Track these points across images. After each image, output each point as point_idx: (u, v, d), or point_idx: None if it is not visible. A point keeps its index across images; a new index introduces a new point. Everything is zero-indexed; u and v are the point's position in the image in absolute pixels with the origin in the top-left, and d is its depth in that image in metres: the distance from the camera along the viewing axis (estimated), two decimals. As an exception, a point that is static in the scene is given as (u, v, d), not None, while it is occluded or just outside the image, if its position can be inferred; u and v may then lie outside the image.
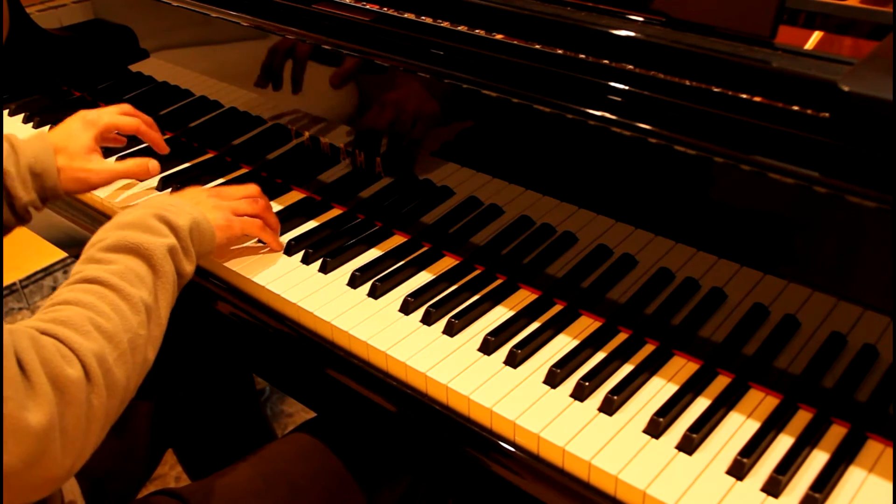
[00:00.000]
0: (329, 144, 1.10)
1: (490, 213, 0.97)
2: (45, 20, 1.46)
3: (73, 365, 0.70)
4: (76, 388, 0.69)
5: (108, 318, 0.75)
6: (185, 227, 0.88)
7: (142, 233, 0.84)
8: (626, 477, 0.74)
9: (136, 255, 0.82)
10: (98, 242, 0.84)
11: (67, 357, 0.70)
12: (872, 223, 0.69)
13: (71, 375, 0.69)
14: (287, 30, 1.06)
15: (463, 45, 0.93)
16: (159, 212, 0.88)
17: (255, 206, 1.02)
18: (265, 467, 0.97)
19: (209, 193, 1.00)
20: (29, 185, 1.00)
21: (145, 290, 0.80)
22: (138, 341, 0.77)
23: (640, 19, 0.86)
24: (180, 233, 0.87)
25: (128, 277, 0.80)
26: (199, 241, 0.90)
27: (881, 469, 0.74)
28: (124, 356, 0.75)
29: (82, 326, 0.73)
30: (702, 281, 0.84)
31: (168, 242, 0.85)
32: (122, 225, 0.86)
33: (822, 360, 0.78)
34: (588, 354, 0.88)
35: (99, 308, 0.76)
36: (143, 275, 0.81)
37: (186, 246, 0.88)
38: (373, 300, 0.97)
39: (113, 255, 0.82)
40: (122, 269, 0.80)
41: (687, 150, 0.78)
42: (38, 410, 0.65)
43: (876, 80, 0.68)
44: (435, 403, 0.86)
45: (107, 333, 0.74)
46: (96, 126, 1.09)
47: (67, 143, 1.05)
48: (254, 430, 1.45)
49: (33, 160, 1.01)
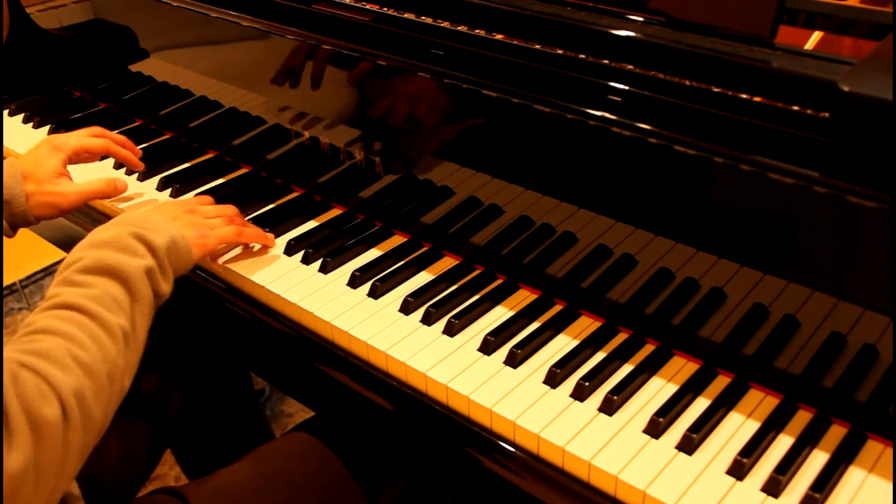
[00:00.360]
0: (329, 144, 1.10)
1: (490, 213, 0.97)
2: (45, 20, 1.46)
3: (50, 404, 0.68)
4: (52, 428, 0.67)
5: (87, 350, 0.73)
6: (162, 246, 0.86)
7: (118, 253, 0.82)
8: (626, 477, 0.74)
9: (113, 277, 0.80)
10: (74, 263, 0.81)
11: (46, 395, 0.68)
12: (872, 223, 0.69)
13: (48, 416, 0.67)
14: (287, 30, 1.06)
15: (463, 45, 0.93)
16: (136, 230, 0.85)
17: (230, 224, 1.00)
18: (265, 466, 0.97)
19: (185, 208, 0.98)
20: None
21: (123, 316, 0.79)
22: (116, 372, 0.76)
23: (640, 19, 0.86)
24: (158, 252, 0.85)
25: (105, 303, 0.78)
26: (175, 260, 0.88)
27: (881, 469, 0.74)
28: (102, 389, 0.73)
29: (61, 359, 0.71)
30: (702, 281, 0.84)
31: (145, 264, 0.83)
32: (99, 243, 0.83)
33: (822, 360, 0.78)
34: (588, 354, 0.88)
35: (78, 339, 0.74)
36: (121, 299, 0.79)
37: (164, 266, 0.86)
38: (373, 300, 0.97)
39: (90, 277, 0.79)
40: (99, 293, 0.78)
41: (687, 150, 0.78)
42: (14, 452, 0.64)
43: (876, 80, 0.68)
44: (435, 403, 0.86)
45: (86, 367, 0.72)
46: (64, 150, 1.08)
47: (35, 170, 1.04)
48: (252, 430, 1.45)
49: None
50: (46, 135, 1.37)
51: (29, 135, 1.38)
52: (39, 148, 1.08)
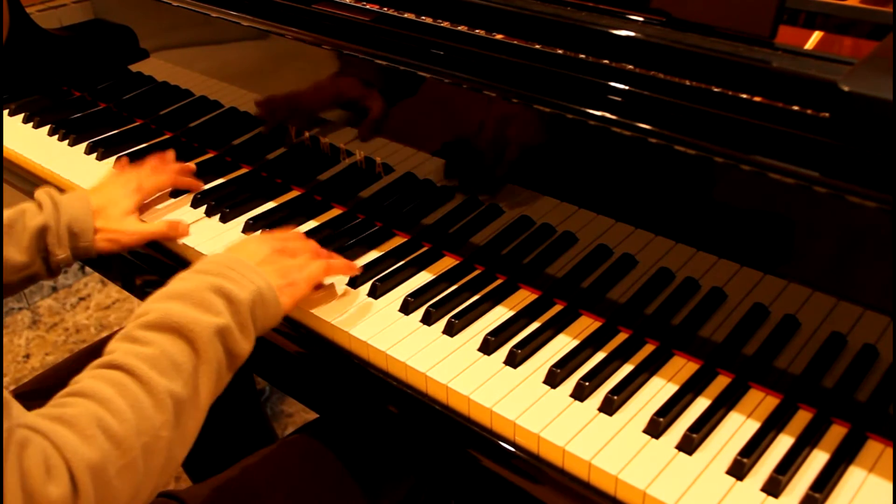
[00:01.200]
0: (329, 144, 1.10)
1: (490, 213, 0.97)
2: (45, 20, 1.46)
3: (56, 480, 0.62)
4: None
5: (121, 420, 0.67)
6: (246, 301, 0.79)
7: (191, 308, 0.76)
8: (626, 477, 0.74)
9: (178, 335, 0.74)
10: (141, 316, 0.76)
11: (53, 470, 0.62)
12: (872, 223, 0.69)
13: (51, 494, 0.61)
14: (287, 30, 1.06)
15: (463, 45, 0.93)
16: (218, 282, 0.79)
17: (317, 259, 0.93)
18: (266, 469, 0.97)
19: (272, 247, 0.90)
20: (65, 243, 1.00)
21: (179, 381, 0.72)
22: (158, 445, 0.69)
23: (641, 19, 0.86)
24: (240, 308, 0.78)
25: (161, 365, 0.71)
26: (262, 315, 0.82)
27: (881, 469, 0.74)
28: (133, 464, 0.67)
29: (86, 430, 0.65)
30: (702, 281, 0.84)
31: (217, 323, 0.76)
32: (173, 295, 0.78)
33: (822, 360, 0.78)
34: (588, 354, 0.88)
35: (114, 406, 0.68)
36: (182, 361, 0.73)
37: (245, 323, 0.79)
38: (373, 300, 0.97)
39: (151, 333, 0.74)
40: (156, 353, 0.72)
41: (687, 150, 0.78)
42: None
43: (876, 80, 0.68)
44: (435, 403, 0.86)
45: (115, 438, 0.66)
46: (140, 193, 1.10)
47: (108, 207, 1.06)
48: (254, 429, 1.45)
49: (72, 220, 1.01)
50: (46, 135, 1.37)
51: (29, 135, 1.38)
52: (115, 188, 1.09)
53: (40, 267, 1.00)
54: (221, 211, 1.12)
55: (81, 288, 2.42)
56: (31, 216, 0.99)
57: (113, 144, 1.32)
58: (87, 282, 2.44)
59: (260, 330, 0.82)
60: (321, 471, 0.98)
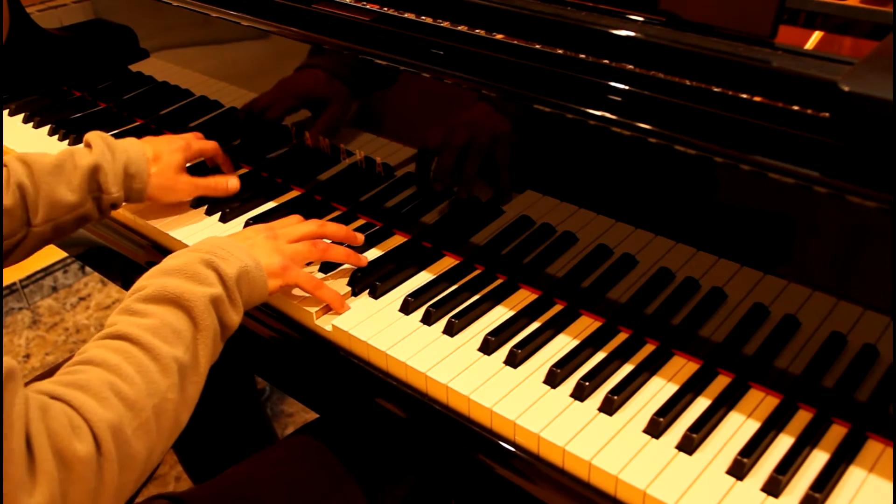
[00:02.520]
0: (329, 144, 1.10)
1: (490, 213, 0.97)
2: (45, 20, 1.46)
3: (83, 438, 0.65)
4: (84, 464, 0.64)
5: (131, 383, 0.71)
6: (233, 275, 0.83)
7: (185, 280, 0.80)
8: (626, 477, 0.74)
9: (176, 305, 0.78)
10: (138, 291, 0.79)
11: (78, 429, 0.65)
12: (872, 223, 0.69)
13: (79, 451, 0.64)
14: (287, 30, 1.06)
15: (463, 45, 0.93)
16: (208, 257, 0.83)
17: (314, 250, 0.96)
18: (267, 470, 0.97)
19: (267, 234, 0.94)
20: (120, 183, 1.02)
21: (181, 347, 0.76)
22: (166, 406, 0.73)
23: (641, 19, 0.86)
24: (228, 281, 0.82)
25: (162, 333, 0.75)
26: (248, 291, 0.85)
27: (881, 469, 0.74)
28: (146, 425, 0.71)
29: (101, 393, 0.68)
30: (702, 281, 0.84)
31: (211, 293, 0.80)
32: (167, 271, 0.81)
33: (822, 360, 0.78)
34: (588, 354, 0.88)
35: (123, 371, 0.71)
36: (182, 329, 0.77)
37: (233, 295, 0.83)
38: (373, 300, 0.97)
39: (150, 306, 0.77)
40: (157, 323, 0.76)
41: (687, 150, 0.78)
42: (38, 492, 0.61)
43: (876, 80, 0.68)
44: (435, 403, 0.86)
45: (128, 401, 0.70)
46: (189, 151, 1.12)
47: (163, 155, 1.08)
48: (255, 429, 1.45)
49: (128, 161, 1.03)
50: (47, 135, 1.37)
51: (29, 135, 1.38)
52: (164, 141, 1.11)
53: (92, 207, 1.02)
54: (222, 210, 1.12)
55: (81, 288, 2.42)
56: (82, 156, 1.01)
57: (113, 144, 1.32)
58: (87, 282, 2.44)
59: (247, 304, 0.86)
60: (321, 471, 0.98)
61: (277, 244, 0.93)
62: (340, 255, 0.98)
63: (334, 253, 0.98)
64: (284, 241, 0.94)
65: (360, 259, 1.00)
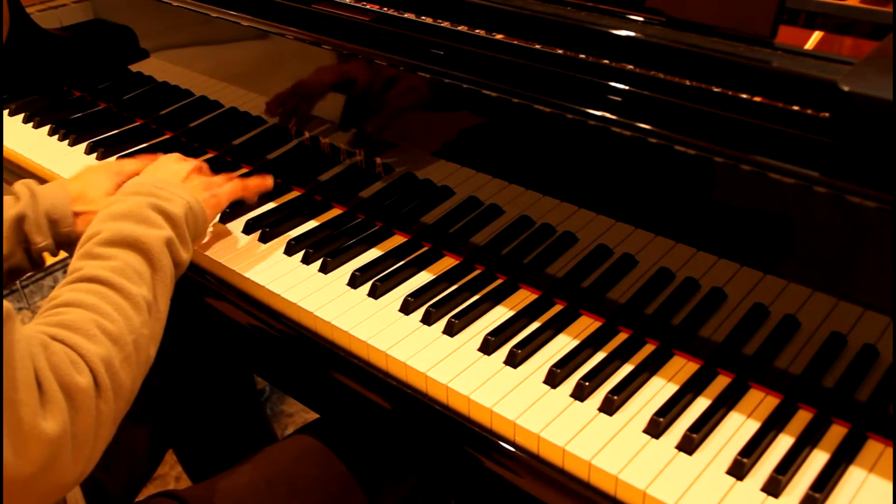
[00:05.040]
0: (329, 144, 1.10)
1: (490, 213, 0.97)
2: (45, 20, 1.46)
3: (82, 372, 0.70)
4: (85, 395, 0.69)
5: (112, 320, 0.75)
6: (180, 215, 0.88)
7: (137, 224, 0.84)
8: (626, 477, 0.74)
9: (134, 249, 0.82)
10: (94, 235, 0.84)
11: (77, 364, 0.70)
12: (872, 223, 0.69)
13: (80, 383, 0.69)
14: (287, 30, 1.06)
15: (463, 45, 0.93)
16: (153, 200, 0.87)
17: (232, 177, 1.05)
18: (267, 469, 0.97)
19: (191, 167, 1.01)
20: (45, 230, 1.00)
21: (145, 287, 0.81)
22: (141, 341, 0.78)
23: (641, 19, 0.86)
24: (177, 221, 0.88)
25: (127, 274, 0.80)
26: (193, 227, 0.91)
27: (881, 469, 0.74)
28: (129, 358, 0.76)
29: (89, 330, 0.73)
30: (702, 281, 0.84)
31: (165, 235, 0.85)
32: (117, 215, 0.85)
33: (822, 360, 0.78)
34: (588, 354, 0.88)
35: (103, 310, 0.76)
36: (142, 270, 0.82)
37: (183, 234, 0.88)
38: (373, 300, 0.97)
39: (111, 249, 0.82)
40: (121, 265, 0.80)
41: (687, 150, 0.78)
42: (51, 418, 0.66)
43: (876, 80, 0.68)
44: (435, 403, 0.86)
45: (112, 336, 0.75)
46: (120, 175, 1.09)
47: (87, 190, 1.05)
48: (254, 430, 1.45)
49: (50, 208, 1.01)
50: (46, 135, 1.37)
51: (29, 135, 1.38)
52: (93, 171, 1.09)
53: (22, 258, 0.99)
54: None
55: (81, 288, 2.42)
56: (8, 207, 0.99)
57: (113, 144, 1.32)
58: (87, 282, 2.44)
59: (193, 240, 0.92)
60: (321, 471, 0.98)
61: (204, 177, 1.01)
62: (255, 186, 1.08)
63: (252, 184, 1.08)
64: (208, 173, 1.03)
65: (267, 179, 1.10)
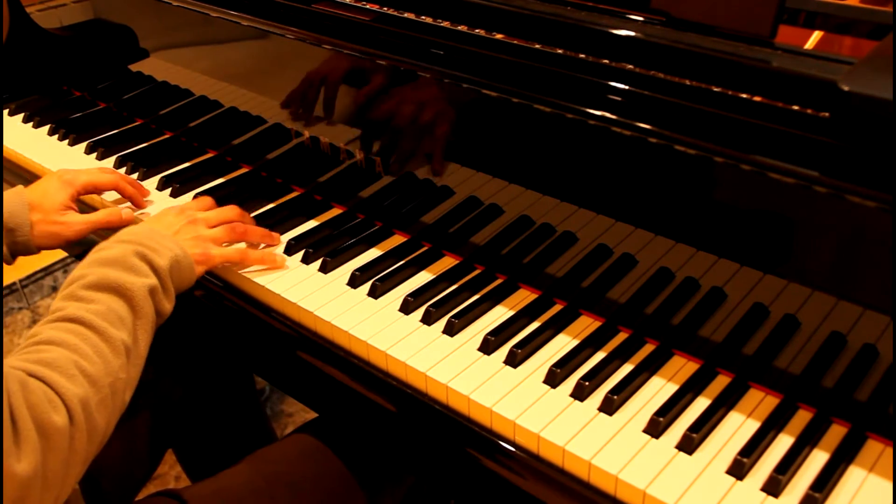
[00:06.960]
0: (329, 144, 1.10)
1: (490, 213, 0.97)
2: (45, 20, 1.46)
3: (58, 411, 0.70)
4: (60, 435, 0.70)
5: (91, 362, 0.76)
6: (165, 266, 0.88)
7: (123, 272, 0.84)
8: (626, 476, 0.74)
9: (118, 294, 0.82)
10: (80, 279, 0.83)
11: (54, 402, 0.70)
12: (872, 223, 0.69)
13: (56, 422, 0.70)
14: (287, 30, 1.06)
15: (463, 44, 0.93)
16: (140, 249, 0.87)
17: (233, 234, 1.01)
18: (266, 468, 0.97)
19: (187, 219, 0.99)
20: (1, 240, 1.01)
21: (125, 332, 0.81)
22: (118, 384, 0.78)
23: (641, 19, 0.86)
24: (161, 273, 0.87)
25: (109, 318, 0.80)
26: (178, 279, 0.90)
27: (881, 469, 0.74)
28: (105, 401, 0.76)
29: (68, 370, 0.73)
30: (702, 281, 0.84)
31: (149, 283, 0.85)
32: (103, 261, 0.85)
33: (822, 360, 0.78)
34: (588, 354, 0.88)
35: (82, 351, 0.76)
36: (124, 315, 0.82)
37: (167, 285, 0.88)
38: (373, 300, 0.97)
39: (94, 293, 0.82)
40: (103, 309, 0.80)
41: (687, 150, 0.78)
42: (23, 458, 0.66)
43: (876, 79, 0.68)
44: (435, 403, 0.86)
45: (91, 378, 0.75)
46: (73, 185, 1.09)
47: (42, 201, 1.06)
48: (254, 430, 1.45)
49: (7, 217, 1.02)
50: (46, 135, 1.37)
51: (29, 135, 1.38)
52: (49, 180, 1.09)
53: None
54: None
55: (81, 288, 2.42)
56: None
57: (113, 144, 1.32)
58: (87, 282, 2.44)
59: (177, 291, 0.91)
60: (321, 470, 0.98)
61: (198, 230, 0.98)
62: (258, 235, 1.04)
63: (253, 235, 1.04)
64: (204, 227, 0.99)
65: (274, 237, 1.06)
